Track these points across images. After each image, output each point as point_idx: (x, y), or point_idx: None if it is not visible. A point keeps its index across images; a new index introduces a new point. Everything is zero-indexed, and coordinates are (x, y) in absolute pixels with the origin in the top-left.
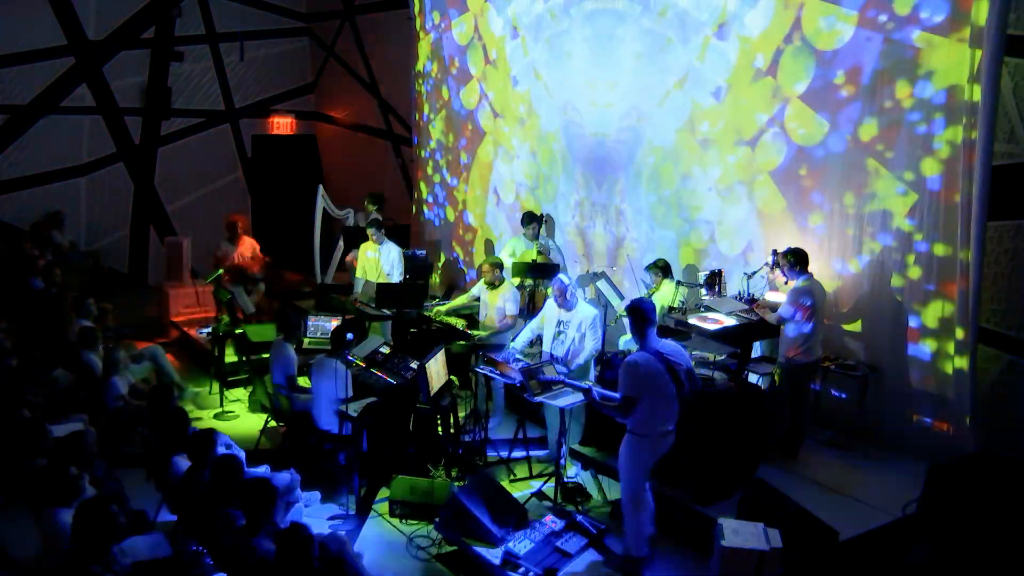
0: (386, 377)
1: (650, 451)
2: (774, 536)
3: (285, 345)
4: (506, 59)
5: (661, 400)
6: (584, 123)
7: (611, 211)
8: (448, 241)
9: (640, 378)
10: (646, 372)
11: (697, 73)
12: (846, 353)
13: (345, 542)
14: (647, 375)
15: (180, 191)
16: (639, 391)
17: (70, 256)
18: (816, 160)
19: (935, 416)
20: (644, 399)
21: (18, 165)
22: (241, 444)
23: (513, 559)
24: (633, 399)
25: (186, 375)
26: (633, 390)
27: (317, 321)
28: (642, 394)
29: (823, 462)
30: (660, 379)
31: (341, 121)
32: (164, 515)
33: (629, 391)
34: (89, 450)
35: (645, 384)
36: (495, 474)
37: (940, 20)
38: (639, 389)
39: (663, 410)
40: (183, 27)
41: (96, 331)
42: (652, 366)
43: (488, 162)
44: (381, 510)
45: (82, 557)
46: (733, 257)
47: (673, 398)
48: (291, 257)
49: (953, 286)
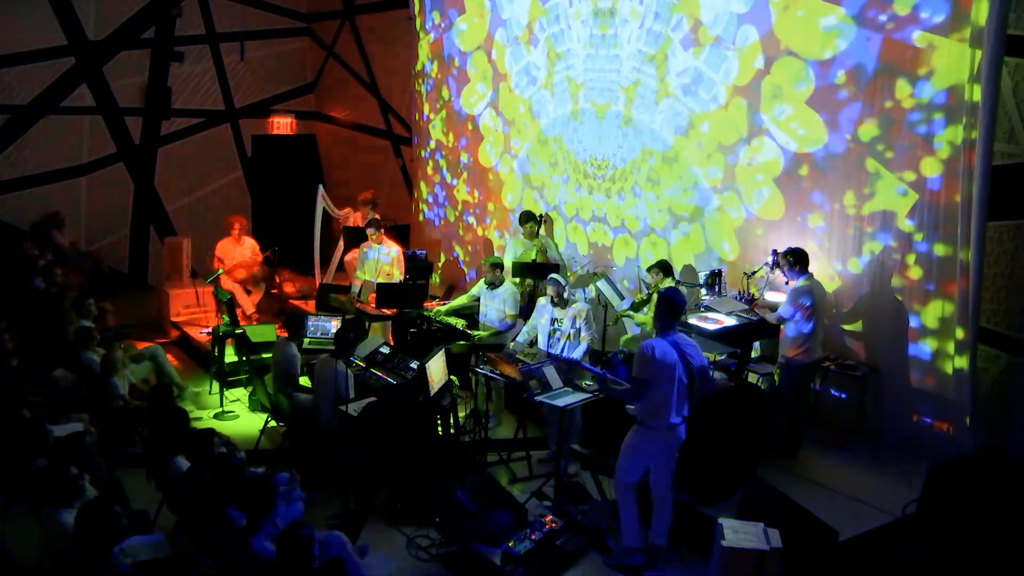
0: (386, 377)
1: (656, 442)
2: (774, 536)
3: (289, 344)
4: (506, 60)
5: (671, 390)
6: (584, 123)
7: (611, 211)
8: (448, 241)
9: (654, 363)
10: (660, 358)
11: (697, 73)
12: (846, 353)
13: (345, 542)
14: (661, 361)
15: (180, 191)
16: (651, 376)
17: (70, 256)
18: (816, 160)
19: (935, 416)
20: (655, 386)
21: (18, 165)
22: (241, 444)
23: (513, 559)
24: (644, 382)
25: (186, 375)
26: (645, 373)
27: (317, 321)
28: (653, 380)
29: (823, 462)
30: (673, 369)
31: (341, 121)
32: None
33: (641, 373)
34: (89, 450)
35: (657, 370)
36: (495, 474)
37: (940, 20)
38: (651, 374)
39: (672, 401)
40: (183, 27)
41: (94, 331)
42: (667, 353)
43: (488, 162)
44: (381, 510)
45: (83, 557)
46: (733, 257)
47: (684, 391)
48: (291, 257)
49: (953, 286)
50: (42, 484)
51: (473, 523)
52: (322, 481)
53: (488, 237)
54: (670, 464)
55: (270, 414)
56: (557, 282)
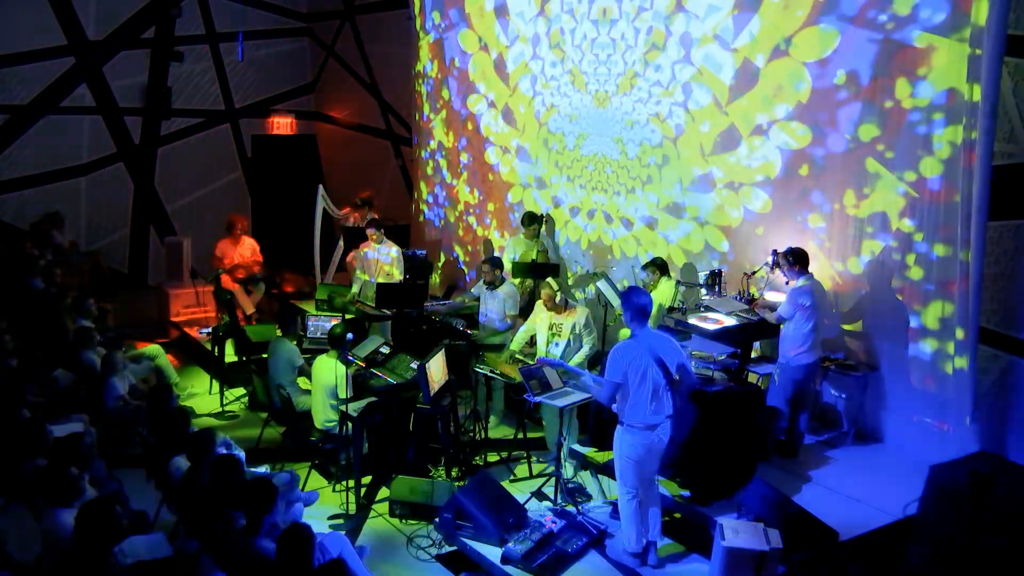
0: (386, 377)
1: (639, 443)
2: (774, 536)
3: (283, 341)
4: (506, 60)
5: (646, 390)
6: (585, 123)
7: (611, 211)
8: (448, 241)
9: (625, 364)
10: (632, 359)
11: (697, 72)
12: (846, 353)
13: (345, 542)
14: (632, 362)
15: (180, 191)
16: (623, 377)
17: (70, 256)
18: (816, 160)
19: (935, 416)
20: (629, 387)
21: (18, 165)
22: (241, 444)
23: (513, 559)
24: (615, 384)
25: (186, 375)
26: (617, 375)
27: (317, 321)
28: (626, 381)
29: (823, 462)
30: (646, 368)
31: (341, 121)
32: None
33: (614, 376)
34: (89, 450)
35: (630, 371)
36: (495, 474)
37: (940, 20)
38: (623, 375)
39: (649, 401)
40: (183, 27)
41: (94, 331)
42: (638, 354)
43: (488, 162)
44: (381, 510)
45: (83, 557)
46: (733, 257)
47: (662, 390)
48: (291, 257)
49: (953, 286)
50: (42, 484)
51: (473, 523)
52: (322, 481)
53: (488, 237)
54: (654, 462)
55: (270, 414)
56: (548, 286)
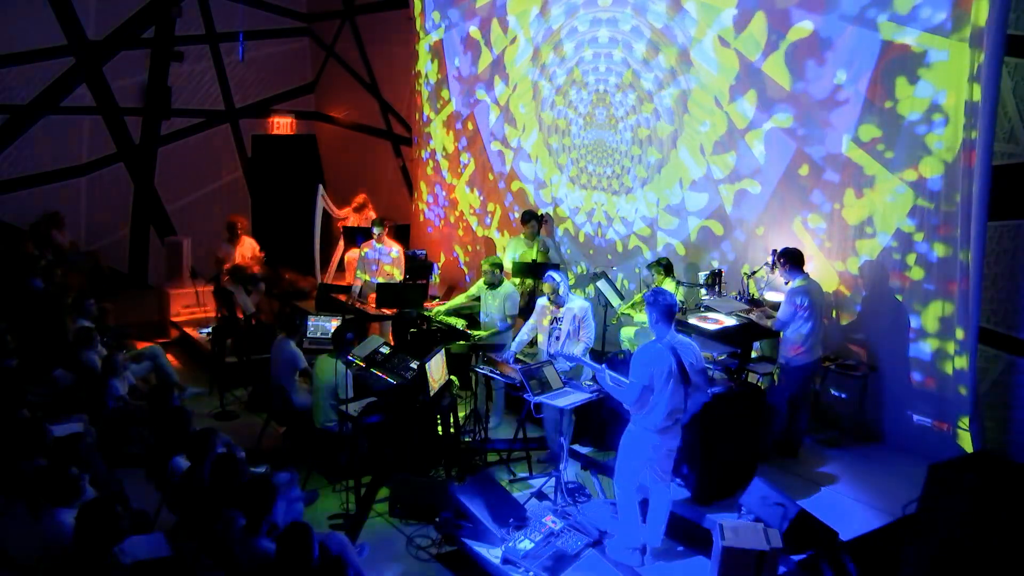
0: (386, 377)
1: (649, 444)
2: (774, 536)
3: (287, 342)
4: (506, 59)
5: (666, 394)
6: (585, 123)
7: (611, 210)
8: (448, 241)
9: (651, 367)
10: (657, 362)
11: (697, 72)
12: (846, 353)
13: (345, 542)
14: (658, 366)
15: (180, 191)
16: (649, 379)
17: (70, 256)
18: (816, 160)
19: (935, 416)
20: (651, 390)
21: (18, 165)
22: (241, 444)
23: (513, 559)
24: (643, 387)
25: (186, 375)
26: (644, 377)
27: (317, 321)
28: (651, 383)
29: (823, 462)
30: (670, 373)
31: (341, 121)
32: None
33: (640, 378)
34: (89, 450)
35: (655, 374)
36: (495, 474)
37: (940, 20)
38: (649, 377)
39: (667, 405)
40: (183, 27)
41: (94, 331)
42: (663, 358)
43: (488, 162)
44: (381, 510)
45: (83, 557)
46: (733, 257)
47: (681, 394)
48: (291, 257)
49: (953, 286)
50: (42, 484)
51: (473, 523)
52: (322, 481)
53: (488, 237)
54: (665, 465)
55: (270, 414)
56: (552, 279)
